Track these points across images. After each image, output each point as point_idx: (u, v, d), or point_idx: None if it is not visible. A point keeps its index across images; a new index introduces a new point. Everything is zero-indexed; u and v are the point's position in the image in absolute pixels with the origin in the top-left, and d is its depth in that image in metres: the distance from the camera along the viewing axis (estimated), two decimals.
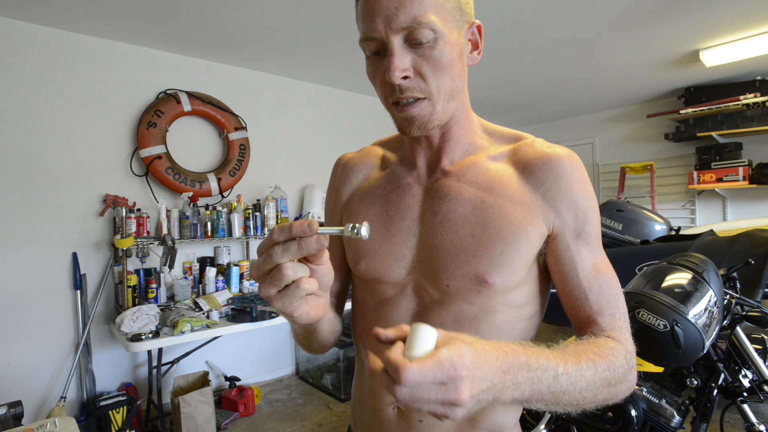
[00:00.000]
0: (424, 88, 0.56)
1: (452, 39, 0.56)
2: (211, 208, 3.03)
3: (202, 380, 2.76)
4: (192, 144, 3.12)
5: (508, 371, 0.44)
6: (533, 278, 0.63)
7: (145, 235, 2.68)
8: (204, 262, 3.07)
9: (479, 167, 0.64)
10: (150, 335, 2.23)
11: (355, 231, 0.45)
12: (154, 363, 2.50)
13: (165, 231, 2.71)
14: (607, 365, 0.53)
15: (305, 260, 0.48)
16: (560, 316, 0.66)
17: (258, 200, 3.28)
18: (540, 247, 0.61)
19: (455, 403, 0.40)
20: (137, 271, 2.71)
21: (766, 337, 1.64)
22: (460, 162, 0.65)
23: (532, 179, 0.61)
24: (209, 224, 2.94)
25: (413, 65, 0.55)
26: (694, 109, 3.85)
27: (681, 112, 3.94)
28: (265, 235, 3.06)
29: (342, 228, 0.45)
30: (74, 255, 2.60)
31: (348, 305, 0.77)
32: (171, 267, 2.68)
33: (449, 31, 0.56)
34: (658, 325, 1.24)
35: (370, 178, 0.73)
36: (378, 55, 0.57)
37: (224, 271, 3.04)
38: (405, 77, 0.55)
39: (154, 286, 2.67)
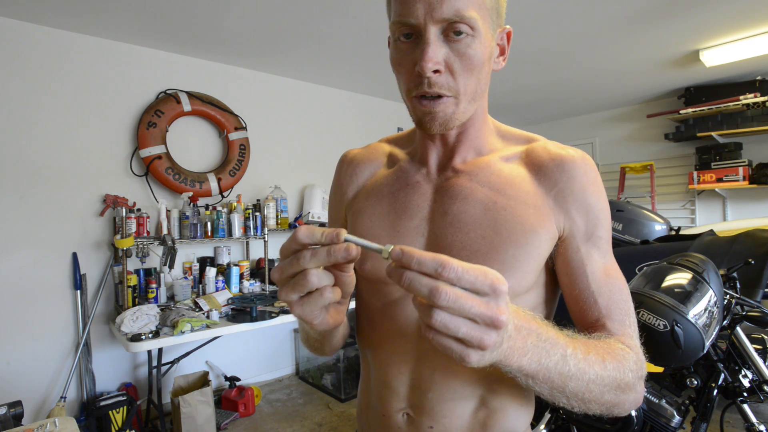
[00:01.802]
0: (452, 85, 0.54)
1: (487, 39, 0.55)
2: (211, 208, 3.03)
3: (202, 380, 2.76)
4: (192, 144, 3.12)
5: (520, 329, 0.43)
6: (543, 283, 0.62)
7: (145, 235, 2.68)
8: (204, 262, 3.07)
9: (492, 168, 0.62)
10: (150, 335, 2.23)
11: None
12: (154, 363, 2.50)
13: (165, 231, 2.71)
14: (617, 366, 0.51)
15: (331, 268, 0.46)
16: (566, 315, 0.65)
17: (258, 200, 3.28)
18: (551, 251, 0.60)
19: (495, 321, 0.38)
20: (137, 271, 2.71)
21: (766, 337, 1.64)
22: (473, 162, 0.64)
23: (544, 181, 0.60)
24: (209, 224, 2.94)
25: (445, 60, 0.53)
26: (694, 109, 3.85)
27: (681, 112, 3.94)
28: (265, 236, 3.08)
29: (382, 248, 0.41)
30: (74, 255, 2.60)
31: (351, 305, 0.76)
32: (171, 267, 2.68)
33: (486, 31, 0.54)
34: (658, 325, 1.24)
35: (377, 175, 0.71)
36: (409, 40, 0.55)
37: (224, 271, 3.04)
38: (436, 71, 0.53)
39: (154, 286, 2.67)
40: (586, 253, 0.59)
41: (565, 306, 0.64)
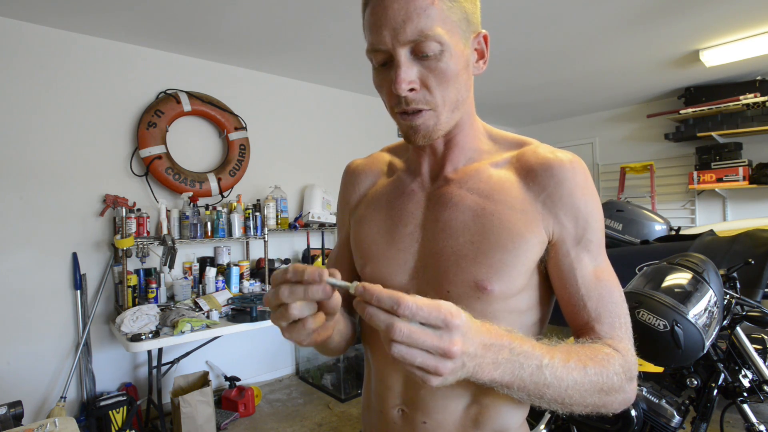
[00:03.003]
0: (430, 99, 0.57)
1: (458, 50, 0.56)
2: (211, 208, 3.03)
3: (202, 380, 2.76)
4: (192, 144, 3.12)
5: (490, 347, 0.46)
6: (535, 285, 0.62)
7: (145, 235, 2.68)
8: (204, 262, 3.07)
9: (481, 174, 0.64)
10: (150, 335, 2.23)
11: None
12: (154, 363, 2.50)
13: (165, 231, 2.71)
14: (599, 370, 0.52)
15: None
16: (560, 316, 0.66)
17: (258, 200, 3.28)
18: (541, 255, 0.61)
19: (447, 352, 0.41)
20: (137, 271, 2.71)
21: (766, 337, 1.64)
22: (463, 169, 0.66)
23: (533, 185, 0.61)
24: (209, 224, 2.94)
25: (419, 77, 0.56)
26: (694, 109, 3.85)
27: (681, 112, 3.94)
28: (265, 236, 3.08)
29: (350, 285, 0.46)
30: (74, 255, 2.60)
31: None
32: (171, 267, 2.68)
33: (455, 43, 0.56)
34: (658, 325, 1.24)
35: (377, 184, 0.74)
36: (385, 66, 0.58)
37: (224, 271, 3.04)
38: (411, 89, 0.56)
39: (154, 286, 2.67)
40: (576, 257, 0.60)
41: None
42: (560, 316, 0.65)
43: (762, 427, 1.39)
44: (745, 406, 1.43)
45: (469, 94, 0.62)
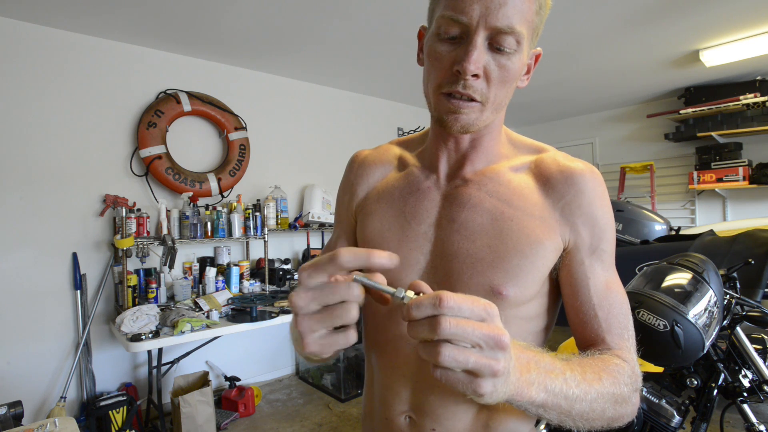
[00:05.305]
0: (485, 92, 0.55)
1: (524, 56, 0.56)
2: (211, 208, 3.03)
3: (202, 380, 2.76)
4: (192, 144, 3.12)
5: (520, 359, 0.44)
6: (546, 292, 0.62)
7: (145, 235, 2.68)
8: (204, 262, 3.07)
9: (500, 178, 0.63)
10: (150, 335, 2.23)
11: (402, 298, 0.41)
12: (154, 363, 2.50)
13: (165, 231, 2.71)
14: (613, 380, 0.52)
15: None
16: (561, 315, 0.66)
17: (258, 200, 3.28)
18: (555, 262, 0.61)
19: (499, 341, 0.38)
20: (137, 271, 2.71)
21: (766, 337, 1.64)
22: (482, 171, 0.64)
23: (552, 193, 0.61)
24: (209, 224, 2.94)
25: (485, 66, 0.54)
26: (694, 109, 3.84)
27: (681, 112, 3.93)
28: (265, 236, 3.08)
29: (394, 290, 0.41)
30: (74, 255, 2.60)
31: None
32: (171, 267, 2.68)
33: (525, 48, 0.55)
34: (658, 325, 1.24)
35: (388, 178, 0.72)
36: (453, 39, 0.55)
37: (224, 271, 3.04)
38: (475, 75, 0.54)
39: (154, 286, 2.67)
40: (590, 266, 0.60)
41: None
42: (561, 315, 0.65)
43: (762, 427, 1.39)
44: (745, 406, 1.43)
45: (509, 100, 0.61)
